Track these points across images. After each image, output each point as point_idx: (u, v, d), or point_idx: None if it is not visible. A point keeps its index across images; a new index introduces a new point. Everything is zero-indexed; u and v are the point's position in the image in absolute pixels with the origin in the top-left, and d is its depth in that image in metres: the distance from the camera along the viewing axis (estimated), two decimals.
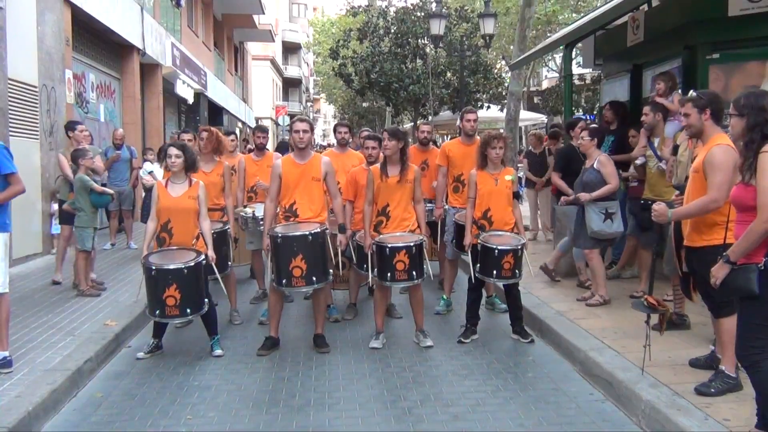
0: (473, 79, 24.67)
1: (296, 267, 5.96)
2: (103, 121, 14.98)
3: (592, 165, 7.28)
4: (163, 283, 5.74)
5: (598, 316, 6.81)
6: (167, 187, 6.19)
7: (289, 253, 5.96)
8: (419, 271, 6.22)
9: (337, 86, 44.97)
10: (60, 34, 11.66)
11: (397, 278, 6.19)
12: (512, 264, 6.34)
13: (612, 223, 7.15)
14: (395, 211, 6.41)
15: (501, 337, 6.79)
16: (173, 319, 5.96)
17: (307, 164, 6.30)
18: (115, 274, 9.38)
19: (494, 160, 6.55)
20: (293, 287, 6.09)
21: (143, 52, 16.52)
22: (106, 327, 6.65)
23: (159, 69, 18.20)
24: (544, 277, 8.41)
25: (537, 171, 11.84)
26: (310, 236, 5.98)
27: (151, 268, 5.77)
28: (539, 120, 27.89)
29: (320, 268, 6.08)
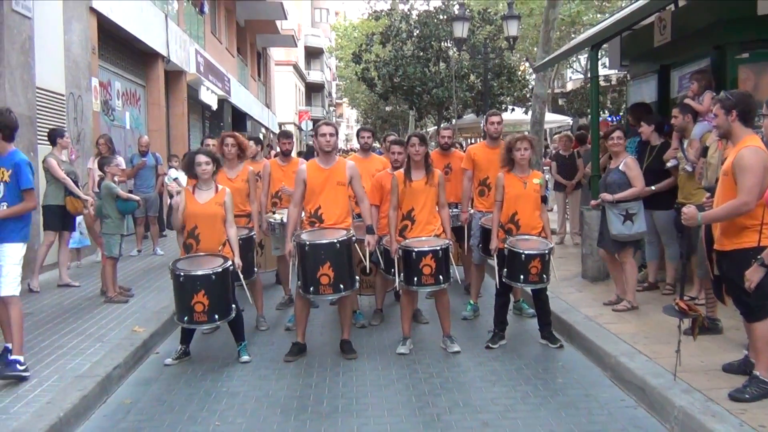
0: (497, 82, 24.62)
1: (324, 275, 5.96)
2: (129, 128, 15.15)
3: (617, 166, 7.23)
4: (191, 289, 5.78)
5: (628, 320, 6.75)
6: (194, 193, 6.24)
7: (317, 260, 5.96)
8: (446, 275, 6.21)
9: (359, 90, 45.07)
10: (86, 42, 11.82)
11: (424, 282, 6.19)
12: (540, 269, 6.31)
13: (632, 224, 7.08)
14: (420, 215, 6.42)
15: (529, 342, 6.75)
16: (201, 325, 6.00)
17: (332, 169, 6.32)
18: (142, 280, 9.47)
19: (520, 161, 6.52)
20: (320, 295, 6.09)
21: (168, 59, 16.69)
22: (134, 333, 6.72)
23: (183, 76, 18.38)
24: (572, 282, 8.35)
25: (566, 174, 11.74)
26: (337, 244, 5.98)
27: (180, 274, 5.81)
28: (564, 122, 27.68)
29: (347, 276, 6.09)
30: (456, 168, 8.15)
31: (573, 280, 8.64)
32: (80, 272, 9.95)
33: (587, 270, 8.64)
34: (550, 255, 6.39)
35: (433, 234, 6.38)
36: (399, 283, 6.38)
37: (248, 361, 6.26)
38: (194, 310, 5.79)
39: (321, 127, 6.45)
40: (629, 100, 11.01)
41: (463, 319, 7.55)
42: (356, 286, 6.30)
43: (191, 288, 5.78)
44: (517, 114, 25.08)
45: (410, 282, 6.22)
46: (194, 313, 5.80)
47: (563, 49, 12.85)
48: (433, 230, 6.41)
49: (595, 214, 8.08)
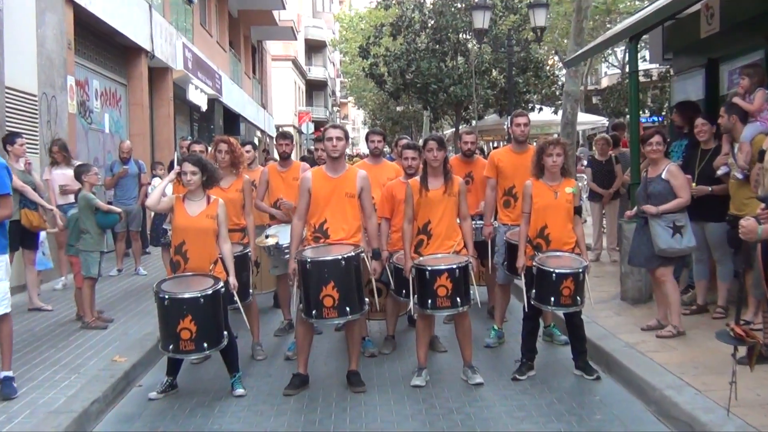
0: (523, 78, 24.68)
1: (327, 296, 5.95)
2: (108, 132, 15.26)
3: (659, 174, 7.21)
4: (177, 313, 5.79)
5: (674, 348, 6.72)
6: (184, 202, 6.26)
7: (320, 279, 5.96)
8: (465, 297, 6.21)
9: (367, 88, 45.25)
10: (62, 37, 11.93)
11: (439, 305, 6.18)
12: (573, 290, 6.29)
13: (681, 237, 7.06)
14: (437, 229, 6.42)
15: (562, 373, 6.73)
16: (189, 354, 6.00)
17: (340, 178, 6.33)
18: (123, 303, 9.50)
19: (551, 168, 6.52)
20: (324, 319, 6.08)
21: (152, 54, 16.82)
22: (114, 364, 6.73)
23: (169, 73, 18.51)
24: (609, 305, 8.32)
25: (603, 181, 11.69)
26: (342, 261, 5.98)
27: (164, 297, 5.83)
28: (599, 123, 27.71)
29: (355, 297, 6.08)
30: (478, 177, 8.16)
31: (611, 302, 8.61)
32: (56, 295, 9.99)
33: (627, 291, 8.61)
34: (584, 274, 6.37)
35: (451, 250, 6.38)
36: (413, 306, 6.37)
37: (243, 395, 6.26)
38: (180, 337, 5.79)
39: (328, 129, 6.49)
40: (673, 98, 11.02)
41: (486, 347, 7.54)
42: (365, 309, 6.30)
43: (177, 312, 5.79)
44: (545, 114, 25.15)
45: (424, 305, 6.23)
46: (181, 341, 5.80)
47: (597, 41, 12.86)
48: (451, 246, 6.41)
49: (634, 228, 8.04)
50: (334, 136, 6.33)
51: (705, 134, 7.64)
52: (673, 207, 7.06)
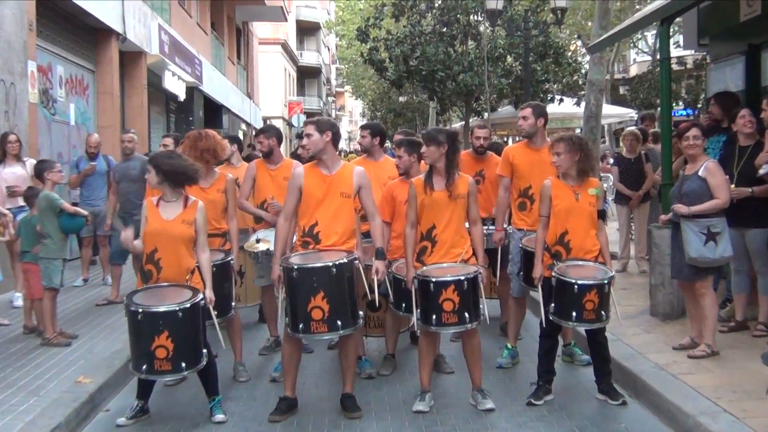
0: (541, 66, 24.68)
1: (316, 308, 5.94)
2: (74, 124, 15.25)
3: (696, 172, 7.21)
4: (152, 329, 5.77)
5: (710, 370, 6.71)
6: (158, 206, 6.23)
7: (308, 289, 5.96)
8: (473, 312, 6.21)
9: (366, 76, 45.20)
10: (22, 17, 11.92)
11: (445, 321, 6.17)
12: (596, 303, 6.28)
13: (716, 246, 7.04)
14: (443, 235, 6.41)
15: (583, 397, 6.72)
16: (164, 375, 5.99)
17: (335, 176, 6.34)
18: (89, 317, 9.48)
19: (557, 170, 6.55)
20: (313, 334, 6.07)
21: (123, 37, 16.82)
22: (78, 385, 6.71)
23: (143, 58, 18.51)
24: (638, 321, 8.31)
25: (631, 182, 11.67)
26: (334, 268, 5.97)
27: (137, 310, 5.81)
28: (627, 116, 27.70)
29: (347, 310, 6.08)
30: (491, 176, 8.16)
31: (639, 317, 8.60)
32: (16, 311, 9.97)
33: (657, 305, 8.60)
34: (609, 286, 6.37)
35: (459, 259, 6.38)
36: (416, 321, 6.37)
37: (224, 421, 6.25)
38: (155, 356, 5.78)
39: (305, 126, 6.58)
40: (709, 89, 11.01)
41: (498, 368, 7.53)
42: (359, 324, 6.29)
43: (151, 328, 5.77)
44: (566, 106, 25.15)
45: (428, 321, 6.22)
46: (155, 361, 5.79)
47: (625, 23, 12.87)
48: (459, 254, 6.41)
49: (666, 234, 8.04)
50: (305, 132, 6.40)
51: (749, 127, 7.60)
52: (707, 208, 7.05)
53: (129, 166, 10.48)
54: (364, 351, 7.56)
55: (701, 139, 7.26)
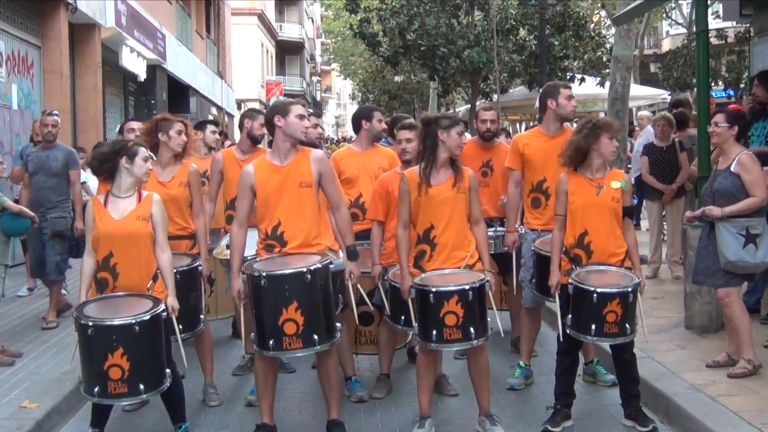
0: (559, 40, 24.69)
1: (289, 321, 5.96)
2: (17, 108, 15.21)
3: (728, 166, 7.22)
4: (105, 346, 5.76)
5: (754, 391, 6.74)
6: (107, 204, 6.19)
7: (278, 300, 6.00)
8: (479, 326, 6.18)
9: (356, 52, 45.24)
10: None
11: (447, 338, 6.13)
12: (619, 315, 6.26)
13: (756, 249, 7.08)
14: (444, 237, 6.39)
15: (608, 423, 6.75)
16: (119, 399, 5.97)
17: (290, 165, 6.36)
18: (35, 332, 9.48)
19: (606, 154, 6.52)
20: (285, 350, 6.09)
21: (73, 7, 16.77)
22: (22, 411, 6.71)
23: (96, 32, 18.47)
24: (670, 335, 8.34)
25: (663, 174, 11.68)
26: (308, 274, 6.00)
27: (87, 324, 5.81)
28: (659, 97, 27.77)
29: (322, 323, 6.10)
30: (500, 168, 8.15)
31: (672, 331, 8.63)
32: None
33: (693, 316, 8.62)
34: (635, 294, 6.38)
35: (463, 264, 6.38)
36: (414, 336, 6.38)
37: None
38: (109, 377, 5.76)
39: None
40: (753, 66, 11.04)
41: (509, 389, 7.54)
42: (336, 338, 6.28)
43: (104, 345, 5.76)
44: (589, 86, 25.14)
45: (428, 337, 6.19)
46: (109, 382, 5.77)
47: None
48: (463, 258, 6.40)
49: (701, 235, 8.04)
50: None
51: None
52: (742, 208, 7.07)
53: (49, 156, 10.04)
54: (354, 371, 7.55)
55: (728, 126, 7.20)
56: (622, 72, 14.65)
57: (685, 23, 36.07)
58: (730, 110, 7.47)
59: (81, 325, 5.81)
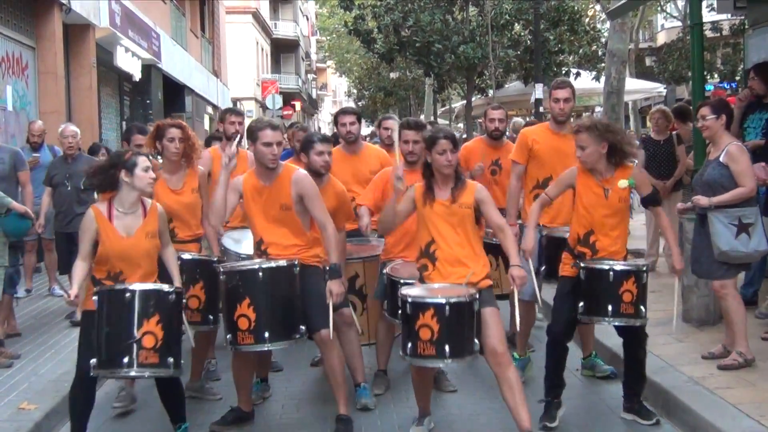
0: (554, 34, 24.72)
1: (242, 316, 6.14)
2: (12, 109, 15.18)
3: (717, 157, 7.22)
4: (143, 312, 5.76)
5: (752, 383, 6.74)
6: (112, 219, 6.03)
7: (234, 296, 6.19)
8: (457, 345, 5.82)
9: (351, 50, 45.21)
10: None
11: (420, 352, 5.84)
12: (635, 294, 6.24)
13: (749, 238, 7.08)
14: (444, 252, 6.17)
15: (608, 417, 6.76)
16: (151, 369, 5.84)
17: (271, 187, 6.45)
18: (33, 333, 9.47)
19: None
20: (240, 345, 6.22)
21: (67, 7, 16.74)
22: (21, 412, 6.72)
23: (91, 32, 18.43)
24: (668, 328, 8.33)
25: (661, 168, 11.64)
26: (260, 272, 6.16)
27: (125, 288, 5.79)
28: (654, 91, 27.74)
29: (279, 321, 6.20)
30: (508, 166, 8.09)
31: (670, 324, 8.59)
32: None
33: (691, 309, 8.62)
34: (647, 275, 6.39)
35: (464, 281, 6.06)
36: None
37: None
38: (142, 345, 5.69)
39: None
40: (747, 59, 11.04)
41: None
42: (296, 338, 6.32)
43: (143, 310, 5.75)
44: (584, 80, 25.12)
45: (404, 348, 5.95)
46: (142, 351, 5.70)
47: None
48: (464, 276, 6.08)
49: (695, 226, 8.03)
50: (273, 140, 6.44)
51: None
52: (729, 198, 7.07)
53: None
54: (363, 377, 7.31)
55: (716, 117, 7.20)
56: (618, 66, 14.69)
57: (680, 16, 36.01)
58: (714, 101, 7.46)
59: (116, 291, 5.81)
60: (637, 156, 7.57)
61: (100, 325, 5.78)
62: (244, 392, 6.64)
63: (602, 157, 6.39)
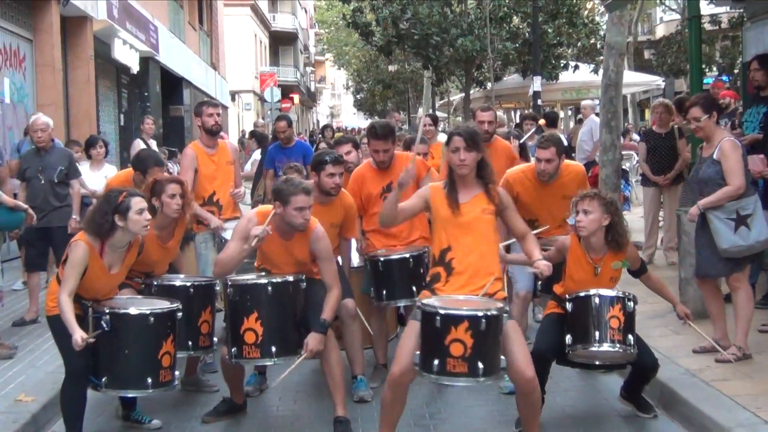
0: (552, 27, 24.69)
1: (249, 330, 6.16)
2: (9, 102, 15.18)
3: (711, 154, 7.18)
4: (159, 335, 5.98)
5: (748, 376, 6.76)
6: (103, 256, 5.99)
7: (242, 309, 6.21)
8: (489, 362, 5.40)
9: (350, 42, 45.18)
10: None
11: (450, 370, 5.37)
12: (622, 322, 6.12)
13: (749, 230, 7.06)
14: (462, 262, 5.79)
15: (603, 409, 6.77)
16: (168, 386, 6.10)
17: (291, 243, 6.47)
18: (31, 326, 9.46)
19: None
20: (245, 359, 6.29)
21: (65, 0, 16.72)
22: (18, 404, 6.74)
23: (88, 24, 18.40)
24: (665, 320, 8.35)
25: (662, 161, 11.60)
26: (269, 287, 6.19)
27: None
28: (653, 84, 27.74)
29: (285, 335, 6.26)
30: (498, 168, 7.79)
31: (667, 317, 8.62)
32: None
33: (688, 302, 8.61)
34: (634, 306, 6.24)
35: (481, 293, 5.70)
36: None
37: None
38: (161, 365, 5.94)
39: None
40: (746, 52, 11.04)
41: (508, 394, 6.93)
42: (301, 353, 6.27)
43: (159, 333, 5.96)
44: (583, 73, 25.14)
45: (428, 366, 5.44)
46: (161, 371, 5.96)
47: None
48: (482, 287, 5.73)
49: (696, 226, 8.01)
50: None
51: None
52: (716, 200, 7.04)
53: None
54: (362, 370, 7.30)
55: (708, 116, 7.14)
56: (616, 58, 14.61)
57: (678, 9, 36.00)
58: (702, 100, 7.33)
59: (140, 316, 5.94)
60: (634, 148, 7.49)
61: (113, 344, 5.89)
62: (236, 389, 6.70)
63: (601, 230, 6.24)
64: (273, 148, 11.83)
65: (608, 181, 12.07)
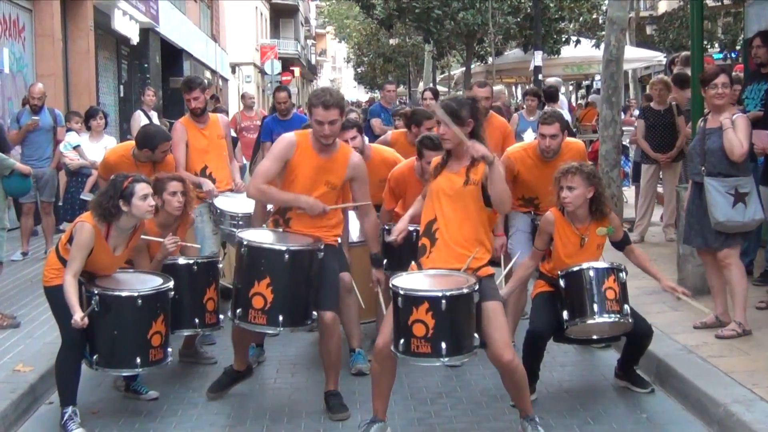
0: (554, 1, 24.58)
1: (257, 294, 5.99)
2: (9, 72, 15.14)
3: (720, 126, 7.20)
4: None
5: (745, 352, 6.77)
6: (109, 239, 6.08)
7: (253, 272, 6.06)
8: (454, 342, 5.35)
9: (350, 15, 45.04)
10: None
11: (413, 350, 5.34)
12: (617, 292, 6.16)
13: (745, 208, 7.09)
14: (444, 232, 5.71)
15: (599, 384, 6.81)
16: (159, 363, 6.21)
17: (328, 161, 6.36)
18: (29, 297, 9.46)
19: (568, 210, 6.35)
20: (249, 323, 6.09)
21: None
22: (16, 374, 6.76)
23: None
24: (663, 296, 8.35)
25: (662, 138, 11.56)
26: (287, 254, 5.99)
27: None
28: (655, 60, 27.63)
29: (296, 306, 6.12)
30: (494, 144, 7.69)
31: (664, 293, 8.61)
32: None
33: (686, 278, 8.63)
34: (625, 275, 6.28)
35: (464, 266, 5.60)
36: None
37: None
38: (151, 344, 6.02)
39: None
40: (747, 28, 10.99)
41: None
42: (307, 323, 6.26)
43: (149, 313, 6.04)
44: (584, 48, 25.07)
45: (396, 344, 5.44)
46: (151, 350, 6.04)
47: None
48: (463, 261, 5.62)
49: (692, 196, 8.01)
50: None
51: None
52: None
53: None
54: (360, 343, 7.26)
55: (730, 86, 7.18)
56: (617, 34, 14.55)
57: None
58: (728, 71, 7.43)
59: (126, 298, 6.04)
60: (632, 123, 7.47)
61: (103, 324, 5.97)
62: (241, 353, 6.60)
63: (586, 202, 6.25)
64: (270, 119, 11.85)
65: (608, 156, 12.01)
